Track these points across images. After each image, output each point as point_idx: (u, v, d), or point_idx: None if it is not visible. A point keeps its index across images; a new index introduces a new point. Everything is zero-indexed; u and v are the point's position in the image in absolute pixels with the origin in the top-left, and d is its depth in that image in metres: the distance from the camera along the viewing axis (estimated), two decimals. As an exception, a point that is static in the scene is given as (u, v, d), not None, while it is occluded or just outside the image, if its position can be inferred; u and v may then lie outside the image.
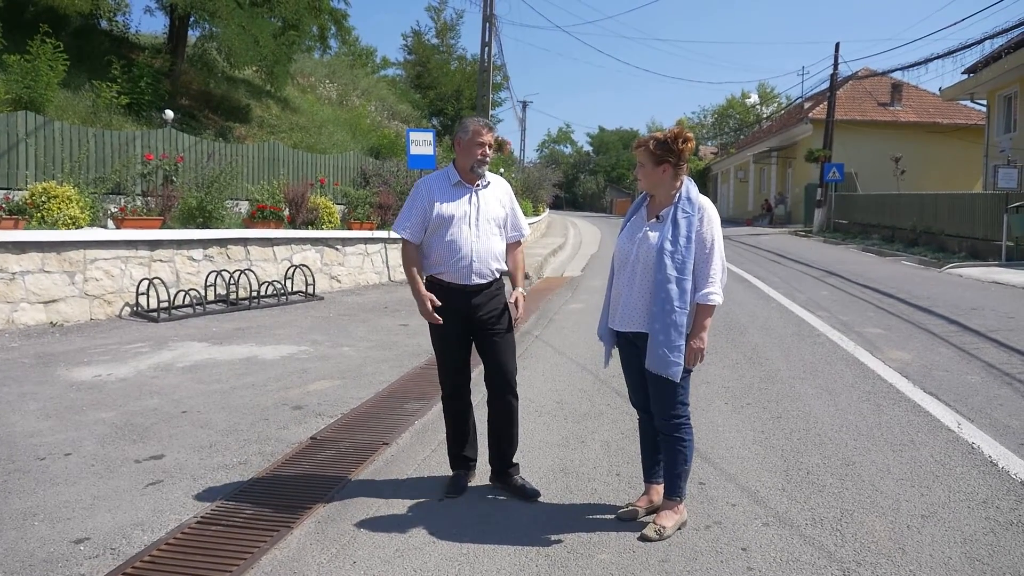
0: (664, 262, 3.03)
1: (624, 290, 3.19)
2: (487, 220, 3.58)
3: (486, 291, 3.59)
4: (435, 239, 3.55)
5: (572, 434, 4.59)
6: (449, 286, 3.55)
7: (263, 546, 3.15)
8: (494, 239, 3.61)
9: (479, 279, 3.54)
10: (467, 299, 3.56)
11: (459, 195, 3.58)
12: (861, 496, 3.57)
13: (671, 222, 3.09)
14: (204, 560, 3.04)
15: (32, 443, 4.48)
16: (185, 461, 4.20)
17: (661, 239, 3.07)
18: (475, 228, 3.54)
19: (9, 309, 8.06)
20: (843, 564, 2.91)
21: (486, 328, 3.60)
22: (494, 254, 3.60)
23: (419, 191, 3.62)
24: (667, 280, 3.02)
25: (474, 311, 3.57)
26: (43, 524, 3.40)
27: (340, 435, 4.63)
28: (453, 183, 3.58)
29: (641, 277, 3.12)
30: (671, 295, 3.02)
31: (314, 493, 3.71)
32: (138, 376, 6.15)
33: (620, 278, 3.23)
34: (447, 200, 3.54)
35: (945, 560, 2.94)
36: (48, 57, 11.37)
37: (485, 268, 3.55)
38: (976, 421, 4.72)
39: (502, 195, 3.71)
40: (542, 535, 3.22)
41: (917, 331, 7.83)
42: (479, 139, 3.52)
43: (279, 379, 6.04)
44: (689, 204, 3.12)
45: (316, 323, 8.83)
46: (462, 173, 3.58)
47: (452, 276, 3.54)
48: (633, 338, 3.21)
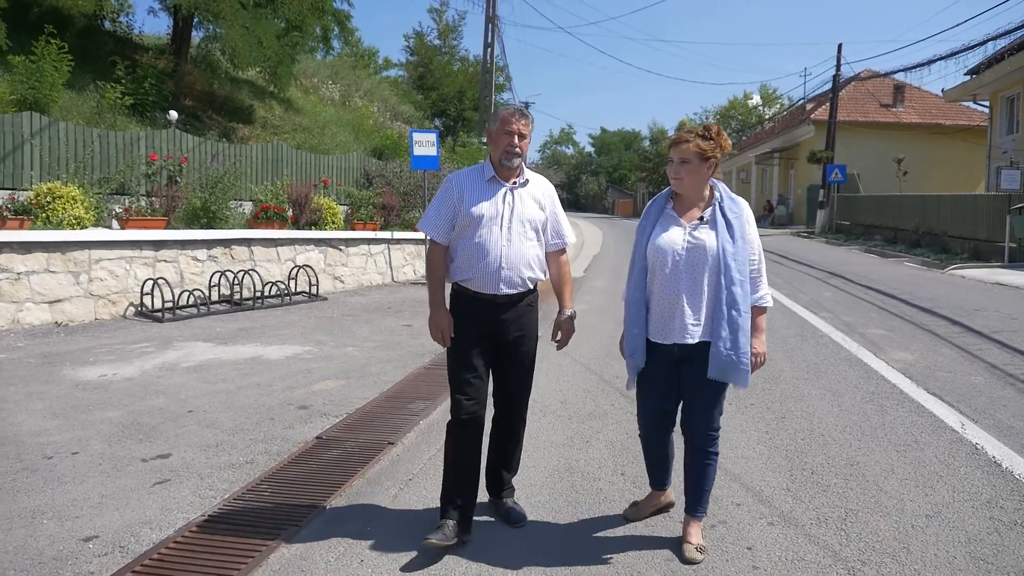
0: (729, 264, 2.86)
1: (673, 298, 2.93)
2: (521, 222, 3.17)
3: (518, 305, 3.21)
4: (462, 240, 3.18)
5: (577, 434, 4.61)
6: (475, 296, 3.18)
7: (271, 544, 3.17)
8: (528, 244, 3.19)
9: (508, 288, 3.15)
10: (495, 313, 3.18)
11: (492, 193, 3.18)
12: (866, 496, 3.59)
13: (723, 221, 2.92)
14: (212, 558, 3.06)
15: (39, 442, 4.51)
16: (192, 460, 4.22)
17: (721, 240, 2.89)
18: (506, 230, 3.14)
19: (14, 309, 8.09)
20: (848, 563, 2.92)
21: (511, 348, 3.24)
22: (527, 261, 3.18)
23: (449, 186, 3.25)
24: (732, 283, 2.86)
25: (500, 327, 3.19)
26: (52, 522, 3.42)
27: (346, 435, 4.65)
28: (487, 179, 3.20)
29: (694, 282, 2.91)
30: (737, 299, 2.87)
31: (322, 492, 3.73)
32: (144, 376, 6.17)
33: (666, 286, 2.95)
34: (479, 197, 3.17)
35: (950, 560, 2.96)
36: (53, 58, 11.42)
37: (515, 276, 3.16)
38: (980, 422, 4.73)
39: (541, 196, 3.29)
40: (550, 534, 3.24)
41: (920, 332, 7.84)
42: (507, 127, 3.14)
43: (284, 379, 6.06)
44: (734, 203, 2.99)
45: (320, 323, 8.86)
46: (495, 168, 3.21)
47: (478, 284, 3.16)
48: (677, 352, 2.97)
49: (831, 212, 27.45)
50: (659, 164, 54.17)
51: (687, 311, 2.91)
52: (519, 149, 3.16)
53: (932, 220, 19.02)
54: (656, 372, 3.04)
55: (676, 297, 2.92)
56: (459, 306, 3.25)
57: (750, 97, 57.46)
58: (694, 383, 2.99)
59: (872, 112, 32.22)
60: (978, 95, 25.70)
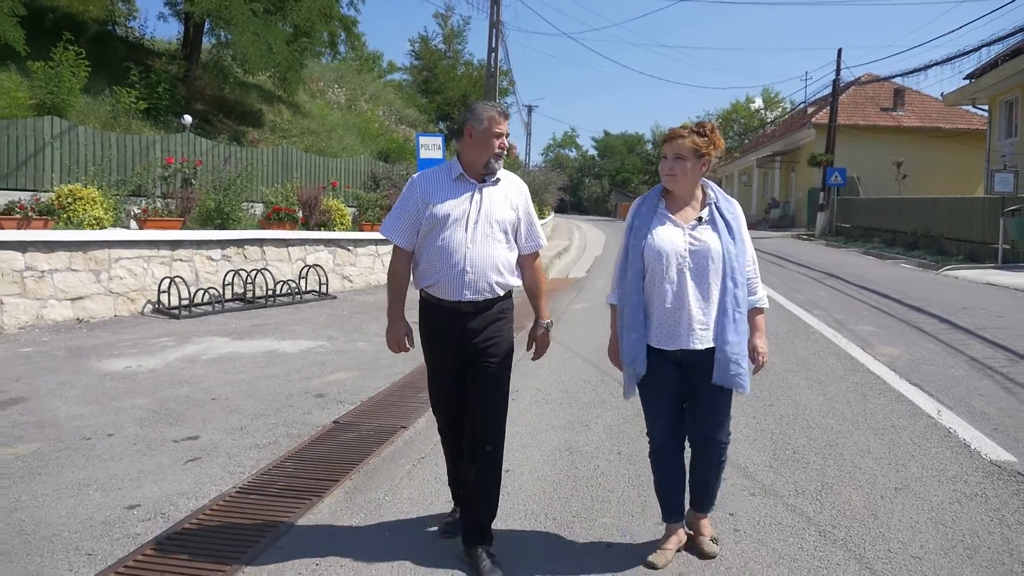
0: (734, 266, 2.79)
1: (679, 302, 2.81)
2: (489, 222, 2.96)
3: (485, 313, 2.99)
4: (427, 243, 3.00)
5: (577, 419, 4.93)
6: (440, 303, 3.01)
7: (299, 512, 3.49)
8: (496, 246, 2.98)
9: (473, 295, 2.95)
10: (461, 321, 2.98)
11: (459, 192, 2.99)
12: (841, 472, 3.91)
13: (723, 222, 2.85)
14: (245, 523, 3.38)
15: (76, 425, 4.84)
16: (219, 442, 4.55)
17: (724, 242, 2.81)
18: (472, 231, 2.93)
19: (39, 305, 8.43)
20: (820, 527, 3.24)
21: (479, 360, 3.00)
22: (495, 264, 2.97)
23: (412, 187, 3.06)
24: (736, 286, 2.80)
25: (468, 336, 2.98)
26: (97, 493, 3.75)
27: (361, 419, 4.98)
28: (454, 177, 3.01)
29: (701, 285, 2.81)
30: (739, 301, 2.81)
31: (342, 468, 4.06)
32: (167, 367, 6.51)
33: (670, 289, 2.82)
34: (444, 198, 2.97)
35: (912, 524, 3.27)
36: (71, 63, 11.79)
37: (482, 281, 2.95)
38: (955, 409, 5.04)
39: (514, 195, 3.07)
40: (552, 506, 3.56)
41: (908, 329, 8.15)
42: (496, 128, 2.96)
43: (300, 370, 6.40)
44: (730, 204, 2.93)
45: (331, 320, 9.19)
46: (468, 168, 3.00)
47: (442, 290, 2.98)
48: (680, 357, 2.86)
49: (831, 215, 27.74)
50: (661, 167, 54.49)
51: (695, 315, 2.80)
52: (504, 151, 3.03)
53: (929, 223, 19.31)
54: (663, 384, 2.90)
55: (682, 300, 2.80)
56: (426, 315, 3.10)
57: (752, 101, 57.81)
58: (702, 391, 2.88)
59: (872, 116, 32.52)
60: (977, 99, 25.97)
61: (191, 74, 16.47)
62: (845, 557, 2.99)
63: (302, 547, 3.13)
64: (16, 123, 10.13)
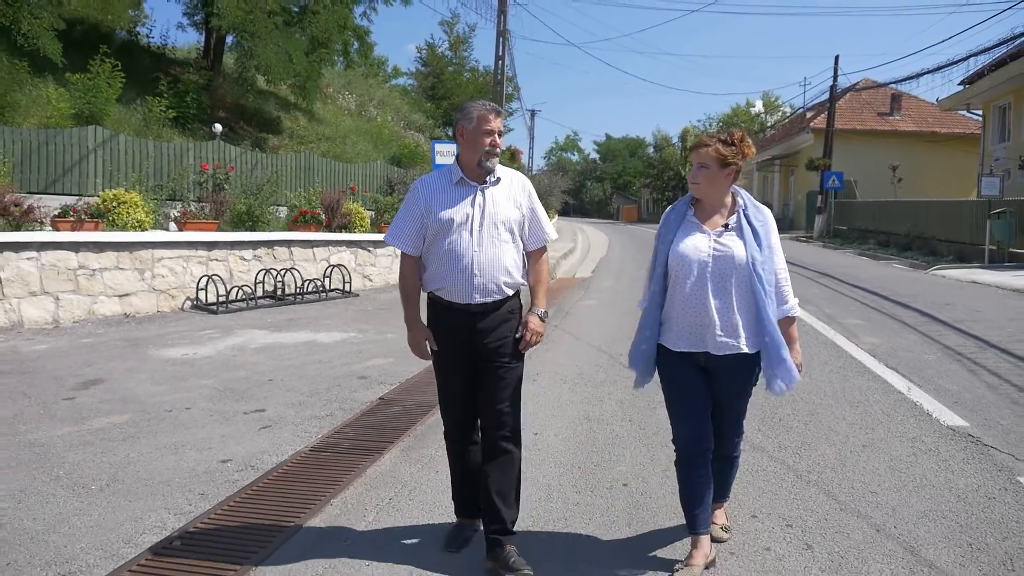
0: (760, 274, 2.81)
1: (702, 308, 2.83)
2: (494, 224, 2.98)
3: (494, 313, 3.01)
4: (434, 248, 3.01)
5: (592, 395, 5.65)
6: (450, 305, 3.01)
7: (365, 463, 4.21)
8: (504, 247, 2.99)
9: (483, 297, 2.97)
10: (471, 322, 2.99)
11: (462, 196, 2.99)
12: (819, 434, 4.62)
13: (749, 230, 2.87)
14: (322, 473, 4.09)
15: (156, 401, 5.56)
16: (284, 414, 5.26)
17: (749, 249, 2.82)
18: (477, 234, 2.95)
19: (90, 301, 9.16)
20: (798, 473, 3.95)
21: (490, 359, 3.02)
22: (503, 266, 2.99)
23: (415, 194, 3.08)
24: (765, 293, 2.81)
25: (479, 337, 3.00)
26: (192, 451, 4.46)
27: (403, 396, 5.69)
28: (455, 181, 3.01)
29: (723, 291, 2.82)
30: (770, 309, 2.82)
31: (394, 433, 4.77)
32: (219, 355, 7.22)
33: (693, 295, 2.84)
34: (446, 202, 2.98)
35: (874, 470, 3.98)
36: (107, 75, 12.53)
37: (491, 283, 2.97)
38: (924, 387, 5.75)
39: (517, 193, 3.08)
40: (573, 466, 4.27)
41: (892, 322, 8.87)
42: (486, 126, 2.94)
43: (340, 357, 7.11)
44: (759, 211, 2.95)
45: (358, 315, 9.91)
46: (466, 170, 3.00)
47: (452, 293, 2.99)
48: (704, 360, 2.89)
49: (829, 217, 28.46)
50: (663, 171, 55.24)
51: (716, 321, 2.82)
52: (499, 149, 2.99)
53: (922, 225, 20.02)
54: (689, 388, 2.92)
55: (705, 306, 2.82)
56: (435, 316, 3.10)
57: (752, 105, 58.53)
58: (723, 394, 2.94)
59: (869, 120, 33.25)
60: (971, 104, 26.72)
61: (213, 83, 17.22)
62: (816, 492, 3.70)
63: (370, 490, 3.84)
64: (62, 133, 10.86)
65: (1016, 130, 23.15)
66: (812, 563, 2.99)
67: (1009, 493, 3.68)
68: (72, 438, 4.66)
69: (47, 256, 8.74)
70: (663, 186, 55.10)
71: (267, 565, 3.03)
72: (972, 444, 4.42)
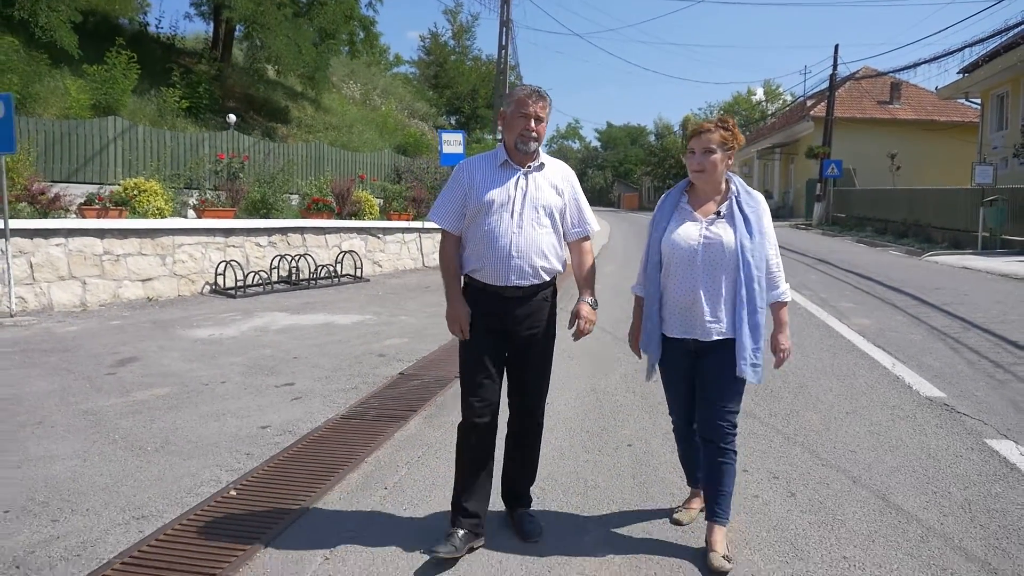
0: (748, 260, 2.82)
1: (691, 294, 2.88)
2: (534, 208, 3.00)
3: (531, 300, 3.03)
4: (473, 229, 3.03)
5: (597, 370, 6.06)
6: (485, 288, 3.03)
7: (392, 429, 4.62)
8: (541, 232, 3.01)
9: (519, 279, 2.98)
10: (506, 307, 3.01)
11: (505, 178, 3.02)
12: (807, 403, 5.03)
13: (740, 216, 2.88)
14: (354, 436, 4.50)
15: (191, 376, 5.97)
16: (312, 387, 5.68)
17: (739, 236, 2.85)
18: (518, 216, 2.97)
19: (115, 286, 9.57)
20: (786, 435, 4.37)
21: (523, 346, 3.08)
22: (540, 250, 3.00)
23: (459, 173, 3.12)
24: (752, 279, 2.83)
25: (513, 323, 3.03)
26: (233, 419, 4.88)
27: (421, 372, 6.10)
28: (499, 163, 3.05)
29: (712, 278, 2.87)
30: (755, 295, 2.84)
31: (416, 403, 5.18)
32: (244, 335, 7.63)
33: (682, 281, 2.90)
34: (490, 183, 3.00)
35: (855, 434, 4.40)
36: (123, 66, 12.89)
37: (527, 266, 2.97)
38: (907, 363, 6.16)
39: (559, 180, 3.10)
40: (582, 434, 4.69)
41: (883, 304, 9.27)
42: (524, 110, 2.97)
43: (358, 337, 7.52)
44: (751, 197, 2.95)
45: (370, 299, 10.31)
46: (509, 152, 3.04)
47: (489, 275, 3.01)
48: (693, 346, 2.94)
49: (827, 205, 28.80)
50: (664, 159, 55.49)
51: (705, 308, 2.86)
52: (536, 133, 2.99)
53: (918, 212, 20.38)
54: (679, 372, 3.03)
55: (694, 293, 2.87)
56: (469, 300, 3.10)
57: (753, 93, 58.69)
58: (708, 379, 2.94)
59: (869, 109, 33.49)
60: (970, 93, 26.96)
61: (223, 73, 17.55)
62: (801, 451, 4.11)
63: (399, 450, 4.26)
64: (83, 123, 11.23)
65: (1014, 118, 23.42)
66: (795, 507, 3.41)
67: (975, 452, 4.10)
68: (121, 408, 5.08)
69: (74, 242, 9.15)
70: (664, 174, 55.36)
71: (318, 507, 3.44)
72: (947, 412, 4.83)
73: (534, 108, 2.98)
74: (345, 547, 3.08)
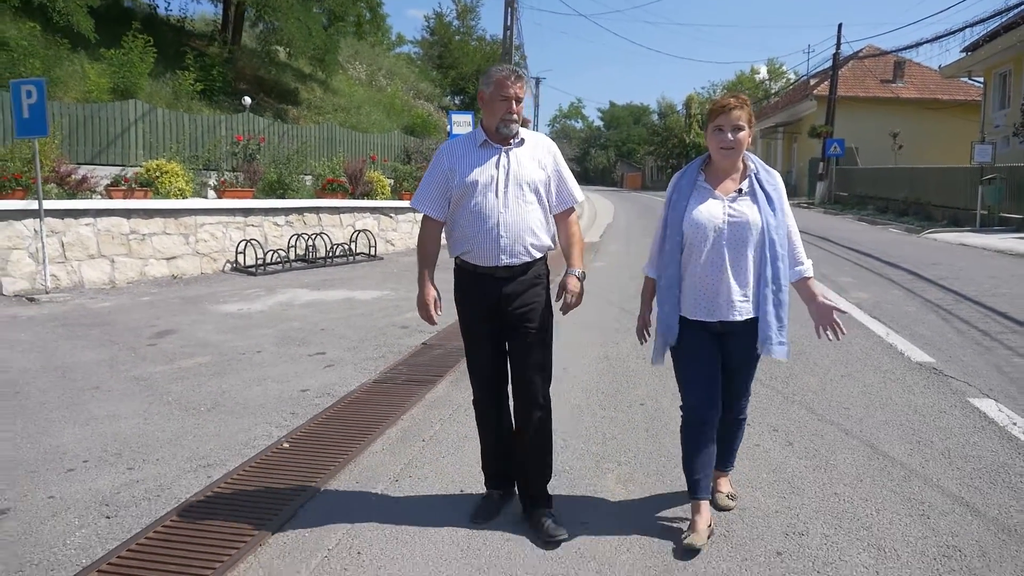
0: (772, 238, 2.80)
1: (717, 275, 2.83)
2: (519, 185, 2.97)
3: (521, 278, 3.02)
4: (459, 212, 3.02)
5: (608, 339, 6.44)
6: (475, 270, 3.03)
7: (422, 391, 5.02)
8: (529, 208, 3.00)
9: (509, 259, 2.97)
10: (497, 288, 3.01)
11: (486, 158, 3.00)
12: (805, 367, 5.42)
13: (762, 194, 2.85)
14: (389, 398, 4.90)
15: (228, 346, 6.37)
16: (342, 356, 6.07)
17: (764, 215, 2.81)
18: (503, 195, 2.95)
19: (141, 264, 9.95)
20: (784, 394, 4.76)
21: (518, 325, 3.04)
22: (529, 227, 2.99)
23: (439, 157, 3.10)
24: (777, 258, 2.81)
25: (505, 303, 3.01)
26: (274, 383, 5.27)
27: (443, 342, 6.49)
28: (479, 144, 3.03)
29: (739, 257, 2.82)
30: (780, 273, 2.83)
31: (443, 368, 5.58)
32: (270, 310, 8.03)
33: (709, 262, 2.83)
34: (471, 165, 2.99)
35: (848, 394, 4.79)
36: (140, 50, 13.17)
37: (517, 245, 2.97)
38: (901, 332, 6.53)
39: (542, 155, 3.07)
40: (597, 394, 5.08)
41: (880, 279, 9.63)
42: (504, 92, 2.94)
43: (380, 311, 7.91)
44: (769, 174, 2.92)
45: (386, 276, 10.69)
46: (489, 133, 3.03)
47: (479, 256, 3.00)
48: (719, 328, 2.88)
49: (830, 184, 29.05)
50: (667, 138, 55.57)
51: (734, 287, 2.81)
52: (516, 115, 2.97)
53: (919, 191, 20.66)
54: (701, 354, 2.92)
55: (720, 273, 2.81)
56: (462, 284, 3.11)
57: (757, 71, 58.59)
58: (735, 359, 2.94)
59: (872, 88, 33.63)
60: (973, 71, 27.08)
61: (234, 56, 17.81)
62: (798, 408, 4.51)
63: (431, 409, 4.66)
64: (105, 107, 11.55)
65: (1016, 97, 23.59)
66: (792, 454, 3.80)
67: (957, 408, 4.49)
68: (168, 374, 5.48)
69: (102, 222, 9.52)
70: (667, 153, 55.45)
71: (361, 458, 3.85)
72: (934, 375, 5.22)
73: (514, 89, 2.95)
74: (397, 483, 3.49)
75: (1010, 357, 5.68)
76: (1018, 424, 4.19)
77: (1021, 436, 4.01)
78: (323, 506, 3.31)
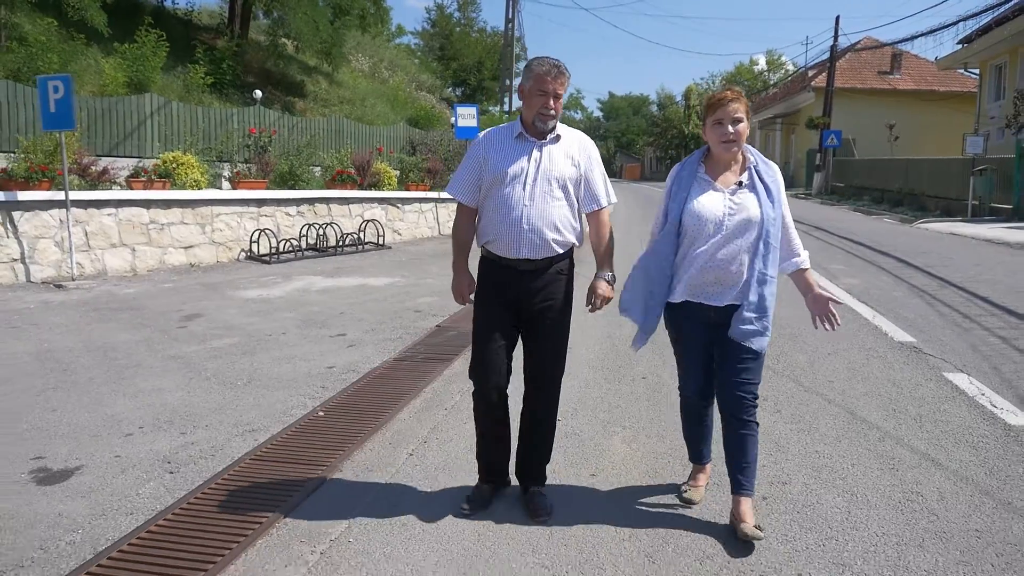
0: (768, 230, 2.85)
1: (719, 264, 2.87)
2: (547, 179, 3.00)
3: (544, 273, 3.06)
4: (488, 201, 3.08)
5: (611, 322, 6.83)
6: (499, 261, 3.08)
7: (440, 368, 5.43)
8: (554, 203, 3.02)
9: (531, 253, 3.01)
10: (520, 280, 3.05)
11: (520, 150, 3.04)
12: (795, 346, 5.83)
13: (762, 186, 2.90)
14: (410, 373, 5.30)
15: (254, 328, 6.77)
16: (362, 337, 6.47)
17: (764, 208, 2.86)
18: (530, 188, 2.99)
19: (160, 253, 10.34)
20: (775, 371, 5.17)
21: (537, 320, 3.11)
22: (552, 223, 3.01)
23: (476, 147, 3.15)
24: (769, 249, 2.86)
25: (526, 296, 3.07)
26: (301, 362, 5.68)
27: (456, 324, 6.90)
28: (515, 136, 3.06)
29: (737, 248, 2.86)
30: (769, 264, 2.87)
31: (458, 348, 5.98)
32: (289, 295, 8.43)
33: (707, 252, 2.88)
34: (504, 155, 3.03)
35: (834, 369, 5.20)
36: (153, 44, 13.53)
37: (539, 239, 3.00)
38: (887, 315, 6.95)
39: (576, 152, 3.09)
40: (601, 372, 5.49)
41: (871, 267, 10.05)
42: (543, 87, 2.96)
43: (393, 296, 8.31)
44: (768, 167, 2.97)
45: (395, 264, 11.09)
46: (525, 126, 3.06)
47: (502, 247, 3.04)
48: (714, 316, 2.94)
49: (827, 175, 29.43)
50: (667, 129, 55.87)
51: (731, 278, 2.88)
52: (554, 111, 2.99)
53: (913, 181, 21.06)
54: (698, 342, 3.01)
55: (719, 264, 2.86)
56: (484, 273, 3.16)
57: (756, 63, 58.83)
58: (729, 349, 2.93)
59: (870, 79, 33.96)
60: (969, 63, 27.45)
61: (241, 49, 18.15)
62: (787, 382, 4.93)
63: (450, 383, 5.07)
64: (122, 100, 11.93)
65: (1011, 89, 23.95)
66: (779, 419, 4.22)
67: (932, 382, 4.91)
68: (202, 353, 5.88)
69: (124, 212, 9.90)
70: (667, 144, 55.81)
71: (391, 424, 4.26)
72: (914, 353, 5.63)
73: (553, 86, 2.96)
74: (425, 444, 3.91)
75: (986, 337, 6.10)
76: (986, 395, 4.61)
77: (987, 405, 4.43)
78: (362, 461, 3.72)
